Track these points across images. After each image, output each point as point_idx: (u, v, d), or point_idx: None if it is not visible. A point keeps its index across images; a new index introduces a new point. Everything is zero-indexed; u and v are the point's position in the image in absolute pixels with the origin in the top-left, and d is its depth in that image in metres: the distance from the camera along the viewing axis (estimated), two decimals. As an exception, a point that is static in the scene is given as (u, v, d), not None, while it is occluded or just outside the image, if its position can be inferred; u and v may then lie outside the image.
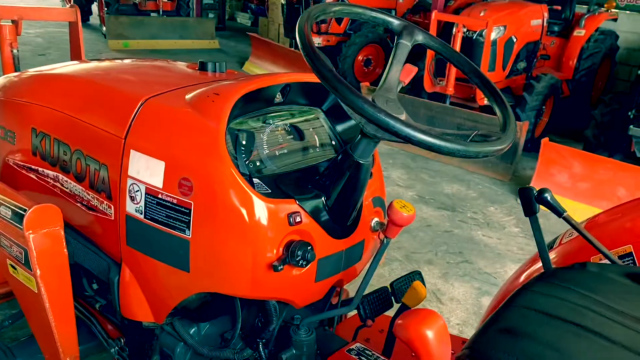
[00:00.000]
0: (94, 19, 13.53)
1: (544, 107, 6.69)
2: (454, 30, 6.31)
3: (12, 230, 1.54)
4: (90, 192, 1.63)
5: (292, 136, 1.61)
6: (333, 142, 1.70)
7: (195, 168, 1.36)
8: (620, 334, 1.01)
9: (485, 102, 6.59)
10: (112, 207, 1.56)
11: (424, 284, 1.94)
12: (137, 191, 1.46)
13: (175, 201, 1.39)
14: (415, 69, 1.47)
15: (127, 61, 2.09)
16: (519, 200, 5.88)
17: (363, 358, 1.63)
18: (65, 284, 1.55)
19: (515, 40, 6.62)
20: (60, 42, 10.69)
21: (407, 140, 1.09)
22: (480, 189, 5.66)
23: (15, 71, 2.72)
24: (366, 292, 1.82)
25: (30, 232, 1.47)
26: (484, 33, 6.29)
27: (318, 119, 1.69)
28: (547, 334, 1.00)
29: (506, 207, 5.33)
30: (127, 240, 1.53)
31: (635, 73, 8.48)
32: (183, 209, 1.38)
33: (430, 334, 0.78)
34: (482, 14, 6.46)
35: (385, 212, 1.71)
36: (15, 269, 1.59)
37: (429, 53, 6.59)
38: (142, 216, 1.47)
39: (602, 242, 1.51)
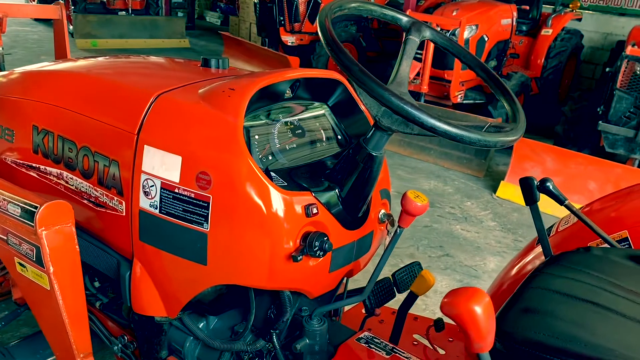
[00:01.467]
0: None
1: (514, 104, 6.87)
2: (428, 29, 6.42)
3: (22, 227, 1.52)
4: (98, 189, 1.63)
5: (301, 131, 1.64)
6: (339, 137, 1.74)
7: (213, 162, 1.38)
8: (633, 310, 1.07)
9: (459, 99, 6.73)
10: (124, 202, 1.56)
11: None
12: (151, 186, 1.47)
13: (192, 195, 1.40)
14: (419, 65, 1.52)
15: (127, 58, 2.08)
16: (494, 195, 6.03)
17: (372, 346, 1.67)
18: (78, 281, 1.55)
19: (486, 39, 6.78)
20: (24, 41, 10.44)
21: (432, 130, 1.14)
22: (457, 185, 5.79)
23: (0, 70, 2.67)
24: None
25: (43, 229, 1.47)
26: (456, 32, 6.43)
27: (324, 114, 1.73)
28: (568, 312, 1.06)
29: (482, 201, 5.46)
30: (140, 236, 1.54)
31: (599, 71, 8.79)
32: (201, 203, 1.39)
33: (478, 309, 0.83)
34: (454, 14, 6.59)
35: (390, 204, 1.76)
36: (24, 267, 1.58)
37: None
38: (156, 211, 1.48)
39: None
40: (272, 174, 1.44)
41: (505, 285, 1.83)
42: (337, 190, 1.47)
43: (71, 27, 10.63)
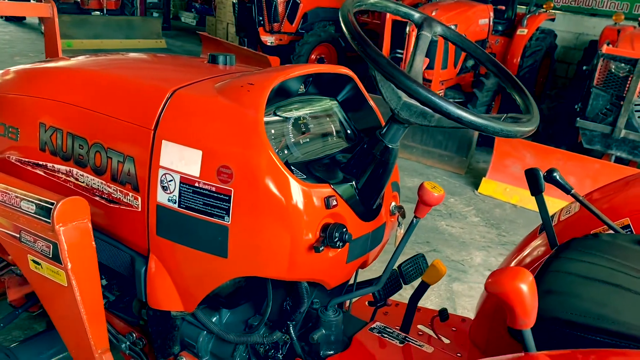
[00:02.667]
0: (32, 17, 12.97)
1: (493, 102, 7.01)
2: (407, 29, 6.50)
3: (37, 224, 1.52)
4: (112, 185, 1.63)
5: (313, 126, 1.67)
6: (348, 132, 1.77)
7: (235, 156, 1.39)
8: (649, 289, 1.13)
9: (439, 98, 6.82)
10: (139, 198, 1.57)
11: (427, 264, 2.05)
12: (170, 181, 1.48)
13: (213, 189, 1.42)
14: (426, 60, 1.57)
15: (131, 55, 2.08)
16: (476, 192, 6.13)
17: (385, 335, 1.71)
18: (95, 277, 1.55)
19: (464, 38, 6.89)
20: (-5, 41, 10.20)
21: (458, 120, 1.18)
22: (440, 182, 5.88)
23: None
24: (375, 276, 1.90)
25: (60, 225, 1.47)
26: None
27: (335, 109, 1.76)
28: (589, 293, 1.11)
29: (465, 198, 5.56)
30: (157, 230, 1.54)
31: (572, 70, 9.03)
32: (222, 196, 1.41)
33: (524, 287, 0.87)
34: (433, 13, 6.68)
35: (400, 196, 1.80)
36: (38, 264, 1.57)
37: (385, 51, 6.75)
38: (175, 205, 1.49)
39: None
40: (291, 167, 1.46)
41: (517, 264, 1.89)
42: (353, 183, 1.50)
43: (44, 27, 10.44)
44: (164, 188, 1.50)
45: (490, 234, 4.84)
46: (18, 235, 1.60)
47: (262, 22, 8.58)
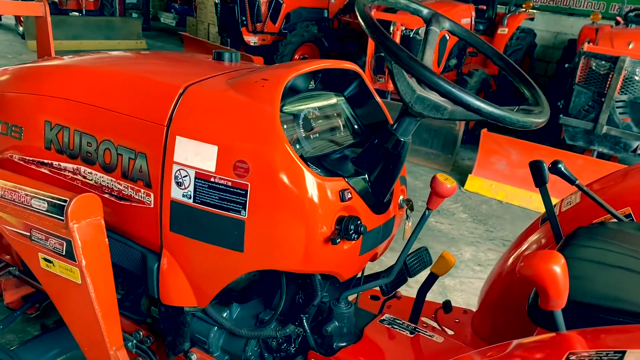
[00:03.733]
0: (8, 19, 12.74)
1: (476, 100, 7.10)
2: (391, 28, 6.57)
3: (50, 222, 1.51)
4: (122, 182, 1.63)
5: (322, 121, 1.69)
6: (355, 127, 1.80)
7: (251, 150, 1.41)
8: (661, 273, 1.18)
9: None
10: (152, 194, 1.57)
11: (430, 257, 2.09)
12: (184, 176, 1.49)
13: (230, 183, 1.43)
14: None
15: (135, 53, 2.08)
16: (462, 189, 6.20)
17: (395, 327, 1.74)
18: (109, 273, 1.55)
19: (448, 38, 6.98)
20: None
21: (478, 112, 1.21)
22: (426, 179, 5.94)
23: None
24: (380, 270, 1.93)
25: (75, 222, 1.46)
26: (419, 31, 6.59)
27: (342, 105, 1.79)
28: (604, 277, 1.15)
29: (452, 195, 5.63)
30: (170, 226, 1.55)
31: (551, 68, 9.19)
32: (239, 191, 1.42)
33: (557, 269, 0.90)
34: (417, 13, 6.75)
35: (407, 190, 1.84)
36: (50, 262, 1.57)
37: (369, 51, 6.80)
38: (190, 201, 1.49)
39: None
40: (305, 161, 1.48)
41: (516, 260, 1.93)
42: (366, 176, 1.53)
43: (21, 28, 10.27)
44: (179, 184, 1.50)
45: (479, 230, 4.91)
46: (28, 234, 1.59)
47: (245, 23, 8.57)
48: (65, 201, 1.48)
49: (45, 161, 1.81)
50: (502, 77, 7.89)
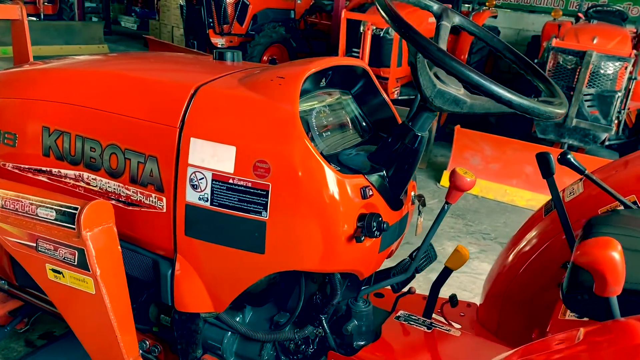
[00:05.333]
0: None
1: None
2: (362, 28, 6.59)
3: (59, 231, 1.45)
4: (131, 187, 1.58)
5: (333, 118, 1.68)
6: (363, 124, 1.79)
7: (272, 150, 1.38)
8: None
9: (395, 95, 6.97)
10: (164, 199, 1.53)
11: (435, 252, 2.10)
12: (200, 179, 1.45)
13: (249, 184, 1.40)
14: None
15: (133, 54, 2.02)
16: (438, 185, 6.27)
17: (412, 323, 1.74)
18: (123, 282, 1.50)
19: (413, 37, 7.05)
20: None
21: (508, 104, 1.22)
22: (403, 177, 5.98)
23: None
24: (385, 267, 1.93)
25: (87, 230, 1.41)
26: (389, 30, 6.63)
27: (350, 102, 1.78)
28: (631, 262, 1.17)
29: (429, 191, 5.69)
30: (186, 231, 1.51)
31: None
32: (260, 191, 1.40)
33: (616, 255, 0.91)
34: (387, 12, 6.80)
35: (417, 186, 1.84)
36: (59, 273, 1.50)
37: (341, 51, 6.81)
38: (207, 204, 1.46)
39: (606, 196, 1.75)
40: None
41: (521, 251, 1.96)
42: (383, 172, 1.52)
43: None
44: (194, 187, 1.46)
45: (458, 224, 4.97)
46: (34, 244, 1.52)
47: (211, 24, 8.47)
48: (75, 209, 1.43)
49: (44, 169, 1.74)
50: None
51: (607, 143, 5.67)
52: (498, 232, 4.94)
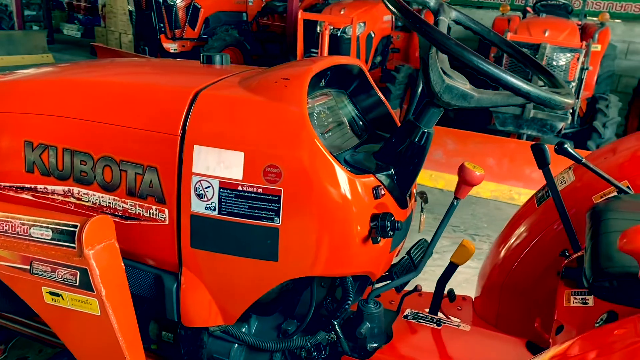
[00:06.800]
0: None
1: (405, 95, 7.30)
2: (318, 28, 6.59)
3: (56, 251, 1.36)
4: (128, 200, 1.50)
5: (332, 119, 1.65)
6: (361, 123, 1.77)
7: (283, 154, 1.34)
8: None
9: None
10: (166, 210, 1.46)
11: (431, 250, 2.09)
12: (207, 188, 1.39)
13: (260, 190, 1.36)
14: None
15: (118, 61, 1.93)
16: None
17: (421, 321, 1.73)
18: (128, 300, 1.42)
19: (373, 35, 7.12)
20: None
21: (526, 96, 1.22)
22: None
23: None
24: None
25: (89, 248, 1.33)
26: (347, 30, 6.66)
27: (346, 102, 1.75)
28: None
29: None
30: (192, 243, 1.45)
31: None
32: (271, 197, 1.35)
33: (663, 242, 0.93)
34: (342, 12, 6.83)
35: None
36: (57, 296, 1.41)
37: (299, 52, 6.78)
38: (214, 213, 1.40)
39: (598, 183, 1.79)
40: None
41: (516, 242, 1.98)
42: (392, 170, 1.50)
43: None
44: (200, 196, 1.40)
45: (428, 219, 4.95)
46: (28, 267, 1.42)
47: (163, 30, 8.28)
48: (74, 226, 1.34)
49: (27, 186, 1.64)
50: (425, 71, 8.15)
51: (563, 132, 5.86)
52: (467, 224, 5.03)
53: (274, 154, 1.34)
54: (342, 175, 1.36)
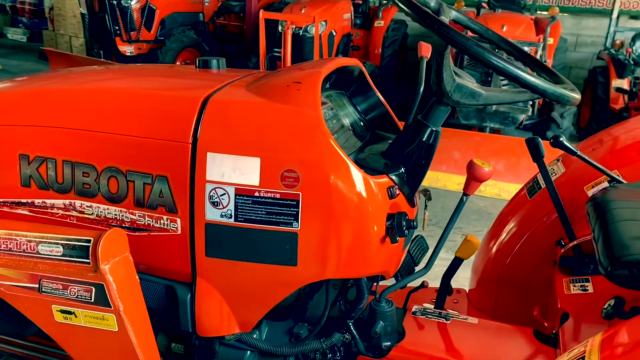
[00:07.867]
0: None
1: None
2: (280, 28, 6.58)
3: (69, 268, 1.31)
4: (136, 211, 1.46)
5: (336, 120, 1.65)
6: (362, 123, 1.78)
7: (300, 158, 1.33)
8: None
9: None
10: (178, 220, 1.43)
11: (427, 244, 2.13)
12: (222, 195, 1.37)
13: (278, 195, 1.35)
14: (430, 46, 1.66)
15: (114, 68, 1.86)
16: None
17: (429, 316, 1.76)
18: (145, 314, 1.38)
19: (335, 33, 7.16)
20: None
21: (542, 93, 1.26)
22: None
23: None
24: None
25: (105, 263, 1.29)
26: (309, 29, 6.67)
27: (347, 103, 1.76)
28: None
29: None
30: (207, 252, 1.42)
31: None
32: (289, 202, 1.35)
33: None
34: (303, 11, 6.84)
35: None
36: (70, 314, 1.36)
37: (262, 51, 6.74)
38: (231, 220, 1.38)
39: (588, 174, 1.86)
40: None
41: (510, 234, 2.04)
42: (402, 169, 1.52)
43: None
44: (214, 204, 1.38)
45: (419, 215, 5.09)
46: (36, 286, 1.36)
47: (118, 32, 8.07)
48: (87, 241, 1.30)
49: (24, 201, 1.57)
50: (385, 68, 8.24)
51: (524, 124, 6.05)
52: (439, 217, 5.11)
53: (291, 159, 1.34)
54: (358, 176, 1.36)
